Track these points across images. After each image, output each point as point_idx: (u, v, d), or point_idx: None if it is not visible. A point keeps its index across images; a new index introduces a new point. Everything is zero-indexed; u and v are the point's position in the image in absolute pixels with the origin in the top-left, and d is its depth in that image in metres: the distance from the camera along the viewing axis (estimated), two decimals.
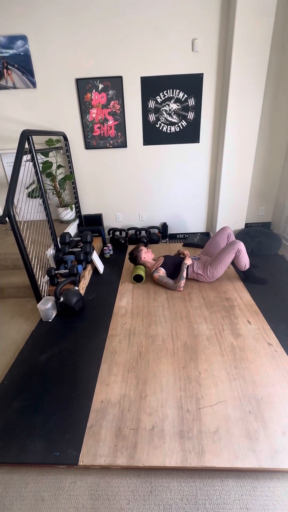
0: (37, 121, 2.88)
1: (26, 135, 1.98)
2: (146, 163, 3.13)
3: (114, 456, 1.16)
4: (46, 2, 2.42)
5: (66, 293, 2.06)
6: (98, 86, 2.74)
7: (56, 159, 2.97)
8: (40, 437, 1.26)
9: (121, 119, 2.89)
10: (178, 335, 1.84)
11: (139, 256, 2.51)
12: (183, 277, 2.30)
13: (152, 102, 2.82)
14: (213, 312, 2.04)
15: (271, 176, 3.18)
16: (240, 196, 3.09)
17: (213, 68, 2.67)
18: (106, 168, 3.15)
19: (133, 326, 1.95)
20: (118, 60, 2.65)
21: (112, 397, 1.43)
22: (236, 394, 1.40)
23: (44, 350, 1.78)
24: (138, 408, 1.36)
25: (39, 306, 2.00)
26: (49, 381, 1.55)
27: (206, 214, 3.44)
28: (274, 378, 1.47)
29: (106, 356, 1.69)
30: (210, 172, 3.17)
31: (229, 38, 2.46)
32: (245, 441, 1.19)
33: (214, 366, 1.57)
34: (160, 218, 3.48)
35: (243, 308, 2.07)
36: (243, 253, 2.23)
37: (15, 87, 2.72)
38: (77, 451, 1.19)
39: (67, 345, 1.81)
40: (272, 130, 2.93)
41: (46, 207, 2.34)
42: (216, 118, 2.89)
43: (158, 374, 1.55)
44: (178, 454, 1.15)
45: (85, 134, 2.95)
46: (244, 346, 1.71)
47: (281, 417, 1.28)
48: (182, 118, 2.89)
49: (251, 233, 2.98)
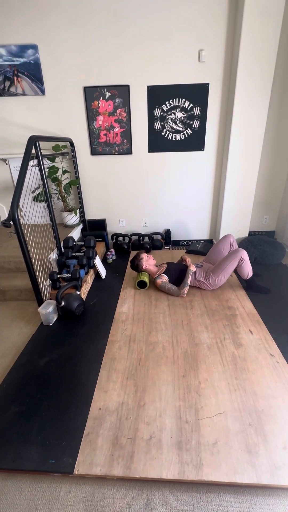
0: (45, 127, 2.93)
1: (33, 141, 2.02)
2: (151, 170, 3.15)
3: (110, 466, 1.14)
4: (56, 13, 2.50)
5: (67, 298, 2.06)
6: (106, 94, 2.79)
7: (62, 165, 3.01)
8: (36, 444, 1.24)
9: (127, 127, 2.93)
10: (178, 343, 1.82)
11: (140, 265, 2.50)
12: (187, 283, 2.28)
13: (158, 110, 2.86)
14: (214, 321, 2.02)
15: (276, 185, 3.18)
16: (244, 204, 3.09)
17: (219, 78, 2.71)
18: (111, 174, 3.19)
19: (134, 333, 1.93)
20: (125, 70, 2.70)
21: (110, 404, 1.41)
22: (236, 405, 1.37)
23: (44, 355, 1.77)
24: (136, 416, 1.34)
25: (40, 310, 2.00)
26: (47, 386, 1.54)
27: (210, 221, 3.43)
28: (276, 390, 1.44)
29: (105, 362, 1.68)
30: (215, 180, 3.18)
31: (235, 50, 2.50)
32: (245, 455, 1.16)
33: (214, 376, 1.55)
34: (164, 225, 3.48)
35: (245, 317, 2.04)
36: (246, 261, 2.22)
37: (25, 94, 2.78)
38: (73, 459, 1.17)
39: (67, 350, 1.80)
40: (277, 140, 2.95)
41: (51, 211, 2.37)
42: (221, 127, 2.91)
43: (158, 382, 1.53)
44: (175, 466, 1.13)
45: (91, 140, 3.00)
46: (245, 356, 1.68)
47: (282, 431, 1.24)
48: (187, 127, 2.92)
49: (254, 241, 2.96)
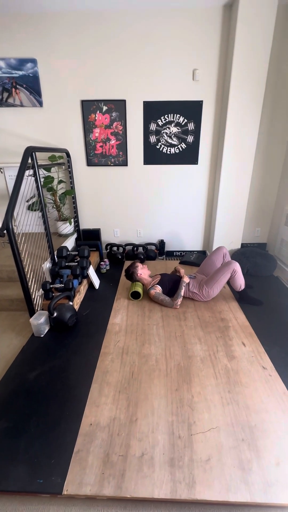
0: (41, 137, 2.97)
1: (30, 152, 2.04)
2: (146, 182, 3.20)
3: (100, 485, 1.10)
4: (56, 30, 2.58)
5: (60, 308, 2.04)
6: (102, 108, 2.86)
7: (58, 175, 3.03)
8: (24, 462, 1.20)
9: (123, 139, 2.99)
10: (171, 355, 1.81)
11: (135, 272, 2.51)
12: (180, 295, 2.29)
13: (154, 125, 2.94)
14: (207, 333, 2.02)
15: (267, 198, 3.27)
16: (236, 217, 3.16)
17: (212, 96, 2.81)
18: (107, 185, 3.22)
19: (127, 345, 1.91)
20: (122, 85, 2.78)
21: (101, 420, 1.38)
22: (229, 420, 1.36)
23: (34, 367, 1.73)
24: (128, 432, 1.31)
25: (32, 321, 1.96)
26: (37, 400, 1.50)
27: (203, 233, 3.49)
28: (268, 404, 1.44)
29: (97, 376, 1.65)
30: (208, 192, 3.25)
31: (228, 70, 2.62)
32: (238, 471, 1.14)
33: (207, 390, 1.54)
34: (158, 235, 3.52)
35: (237, 330, 2.05)
36: (238, 273, 2.25)
37: (22, 105, 2.82)
38: (62, 479, 1.13)
39: (58, 362, 1.77)
40: (267, 155, 3.05)
41: (45, 220, 2.36)
42: (215, 142, 3.01)
43: (150, 396, 1.51)
44: (167, 484, 1.10)
45: (88, 151, 3.04)
46: (238, 369, 1.68)
47: (274, 446, 1.24)
48: (182, 141, 3.00)
49: (247, 253, 3.01)
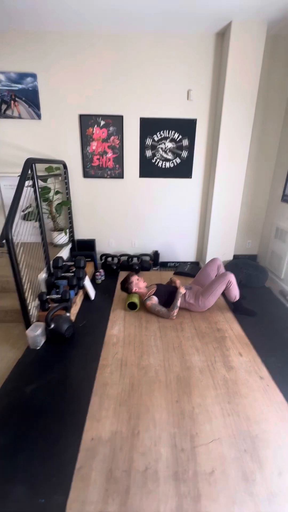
0: (38, 148, 2.99)
1: (30, 163, 2.06)
2: (141, 194, 3.27)
3: (104, 503, 1.08)
4: (57, 47, 2.66)
5: (57, 319, 2.01)
6: (100, 122, 2.94)
7: (54, 186, 3.05)
8: (24, 481, 1.15)
9: (119, 153, 3.07)
10: (170, 366, 1.81)
11: (129, 288, 2.50)
12: (176, 305, 2.31)
13: (150, 140, 3.04)
14: (205, 344, 2.05)
15: (257, 212, 3.41)
16: (229, 229, 3.26)
17: (206, 115, 2.96)
18: (102, 196, 3.26)
19: (125, 356, 1.90)
20: (120, 102, 2.88)
21: (103, 434, 1.36)
22: (230, 431, 1.37)
23: (31, 381, 1.69)
24: (131, 446, 1.30)
25: (28, 332, 1.92)
26: (34, 415, 1.46)
27: (197, 244, 3.56)
28: (268, 414, 1.47)
29: (97, 388, 1.63)
30: (201, 205, 3.35)
31: (220, 91, 2.77)
32: (242, 483, 1.15)
33: (207, 401, 1.55)
34: (152, 246, 3.56)
35: (234, 340, 2.09)
36: (233, 284, 2.31)
37: (21, 117, 2.86)
38: (65, 497, 1.09)
39: (56, 375, 1.73)
40: (258, 171, 3.21)
41: (43, 231, 2.36)
42: (208, 158, 3.13)
43: (151, 408, 1.50)
44: (173, 499, 1.09)
45: (84, 163, 3.09)
46: (236, 379, 1.71)
47: (276, 456, 1.25)
48: (176, 156, 3.11)
49: (239, 264, 3.10)
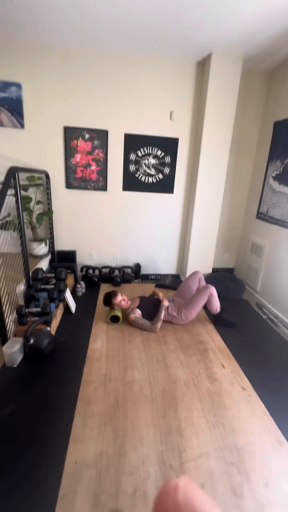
0: (20, 157, 2.93)
1: (13, 172, 2.01)
2: (124, 207, 3.31)
3: None
4: (42, 57, 2.67)
5: (36, 334, 1.91)
6: (85, 135, 2.97)
7: (36, 195, 2.98)
8: None
9: (103, 166, 3.10)
10: (155, 380, 1.80)
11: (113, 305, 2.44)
12: (160, 318, 2.32)
13: (133, 155, 3.12)
14: (188, 356, 2.06)
15: (235, 227, 3.60)
16: (208, 243, 3.39)
17: (187, 135, 3.13)
18: (85, 208, 3.25)
19: (109, 371, 1.85)
20: (105, 117, 2.95)
21: (87, 456, 1.29)
22: (217, 444, 1.38)
23: (8, 402, 1.57)
24: (117, 467, 1.24)
25: (5, 349, 1.80)
26: (13, 440, 1.35)
27: (177, 257, 3.65)
28: (252, 425, 1.50)
29: (80, 407, 1.55)
30: (182, 219, 3.47)
31: (201, 115, 2.96)
32: (231, 498, 1.15)
33: (193, 414, 1.55)
34: (134, 259, 3.58)
35: (216, 351, 2.13)
36: (214, 297, 2.38)
37: (2, 125, 2.79)
38: None
39: (36, 394, 1.63)
40: (234, 190, 3.42)
41: (23, 241, 2.28)
42: (189, 175, 3.28)
43: (137, 425, 1.46)
44: None
45: (68, 174, 3.08)
46: (220, 391, 1.73)
47: (262, 467, 1.28)
48: (159, 171, 3.22)
49: (218, 277, 3.21)
